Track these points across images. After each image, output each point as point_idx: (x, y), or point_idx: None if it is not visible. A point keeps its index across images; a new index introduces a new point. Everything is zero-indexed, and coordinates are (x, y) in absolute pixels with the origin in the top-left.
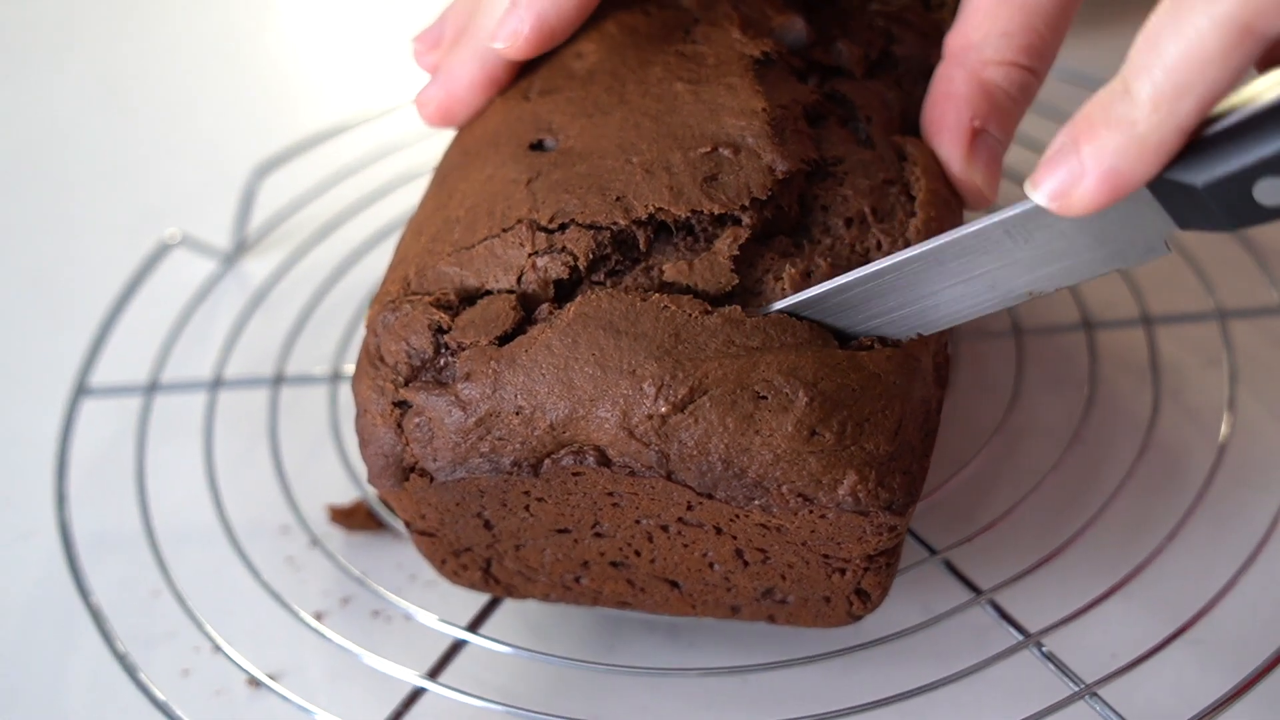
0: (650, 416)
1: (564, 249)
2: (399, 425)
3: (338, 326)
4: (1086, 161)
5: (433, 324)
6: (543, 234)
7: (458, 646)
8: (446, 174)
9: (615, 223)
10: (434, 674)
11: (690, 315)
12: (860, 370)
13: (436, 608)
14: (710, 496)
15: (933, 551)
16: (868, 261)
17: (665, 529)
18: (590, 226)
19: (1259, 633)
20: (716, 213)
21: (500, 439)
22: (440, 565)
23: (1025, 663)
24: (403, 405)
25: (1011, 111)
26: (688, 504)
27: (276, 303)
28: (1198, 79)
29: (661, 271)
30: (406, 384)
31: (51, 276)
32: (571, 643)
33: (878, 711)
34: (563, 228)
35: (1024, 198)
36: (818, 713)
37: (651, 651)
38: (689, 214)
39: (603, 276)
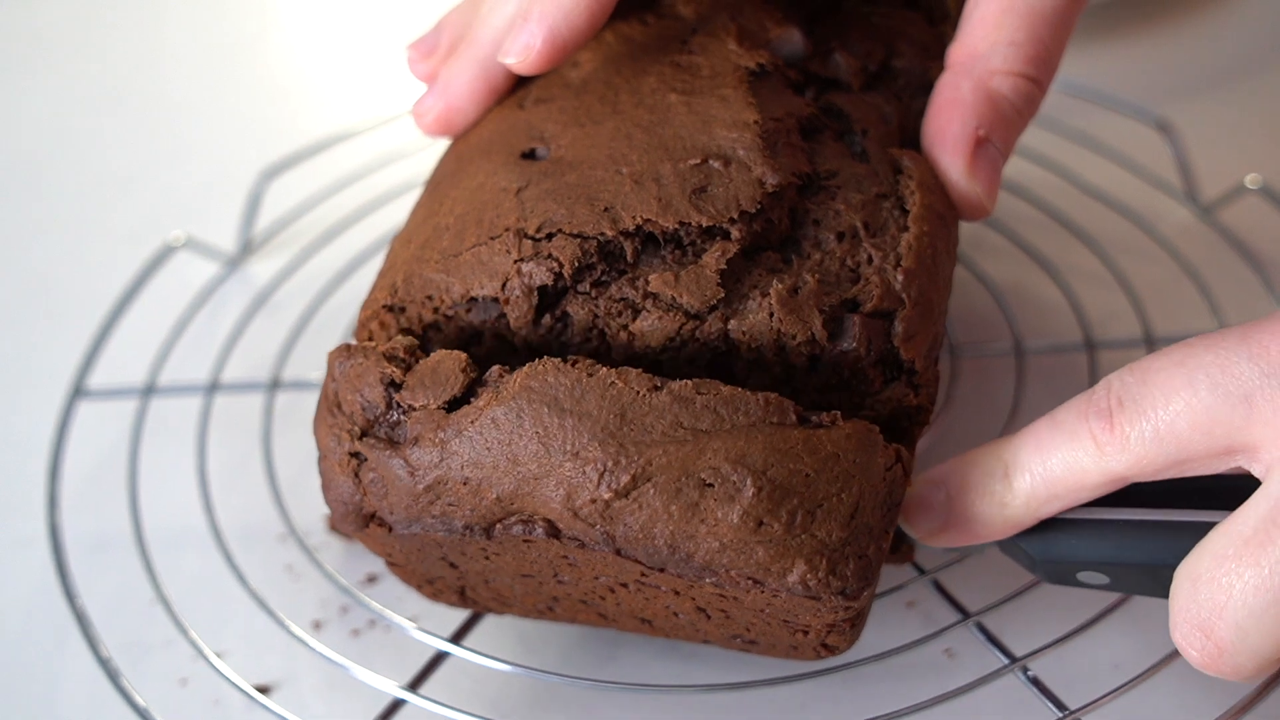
0: (594, 500)
1: (550, 256)
2: (356, 475)
3: (337, 332)
4: (953, 517)
5: (384, 378)
6: (529, 242)
7: (440, 658)
8: (438, 182)
9: (602, 233)
10: (414, 685)
11: (637, 393)
12: (816, 453)
13: (430, 618)
14: (661, 570)
15: (922, 571)
16: (857, 278)
17: (625, 585)
18: (577, 236)
19: None
20: (704, 225)
21: (450, 505)
22: (418, 589)
23: (1010, 687)
24: (359, 456)
25: (1015, 123)
26: (641, 572)
27: (278, 307)
28: (1070, 495)
29: (647, 283)
30: (362, 436)
31: (55, 278)
32: (562, 655)
33: None
34: (549, 236)
35: (1018, 204)
36: None
37: (647, 666)
38: (677, 225)
39: (588, 286)
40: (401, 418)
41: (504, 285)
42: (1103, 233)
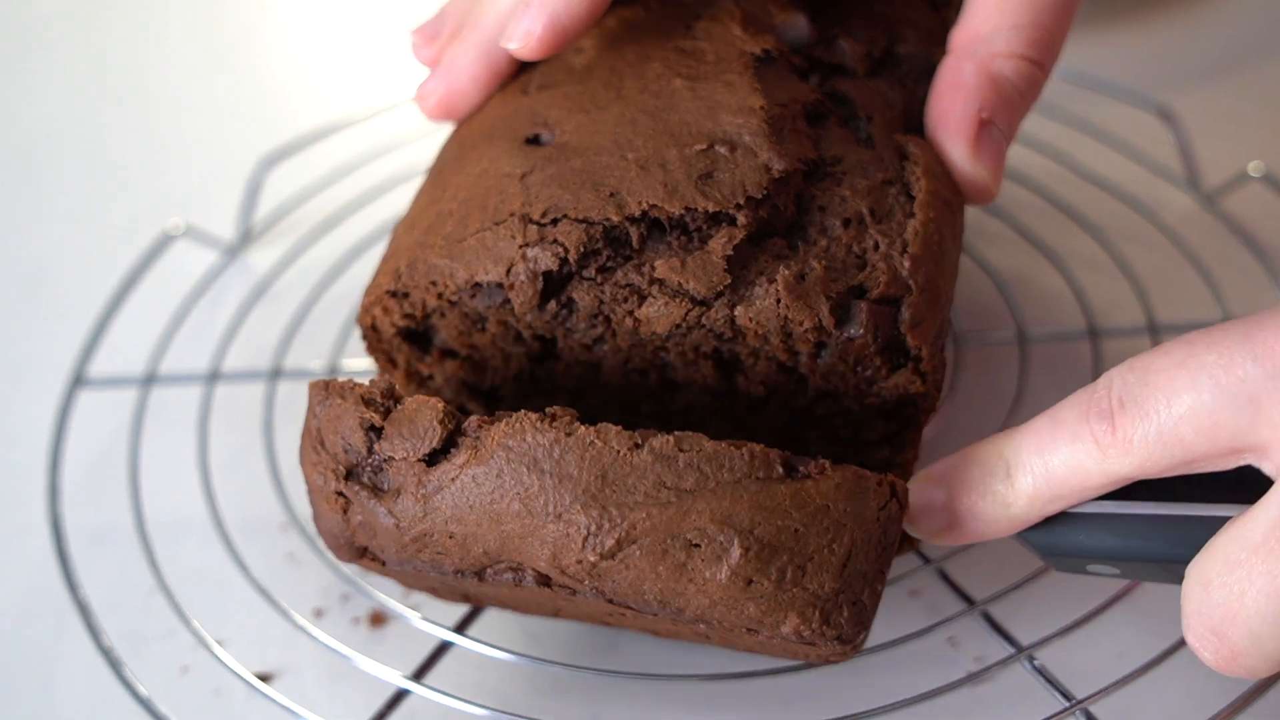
0: (580, 562)
1: (555, 241)
2: (344, 513)
3: (337, 321)
4: (956, 518)
5: (363, 422)
6: (534, 227)
7: (444, 648)
8: (442, 168)
9: (608, 219)
10: (419, 676)
11: (618, 453)
12: (805, 506)
13: (432, 607)
14: (655, 616)
15: (927, 560)
16: (864, 264)
17: (624, 613)
18: (583, 221)
19: None
20: (710, 211)
21: (438, 554)
22: (423, 591)
23: (1016, 676)
24: (344, 497)
25: (1019, 105)
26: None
27: (278, 296)
28: (1073, 495)
29: (653, 269)
30: (347, 477)
31: (54, 267)
32: (566, 645)
33: (883, 715)
34: (555, 222)
35: (1021, 192)
36: None
37: (651, 655)
38: (683, 211)
39: (594, 272)
40: (384, 464)
41: (509, 271)
42: (1105, 220)
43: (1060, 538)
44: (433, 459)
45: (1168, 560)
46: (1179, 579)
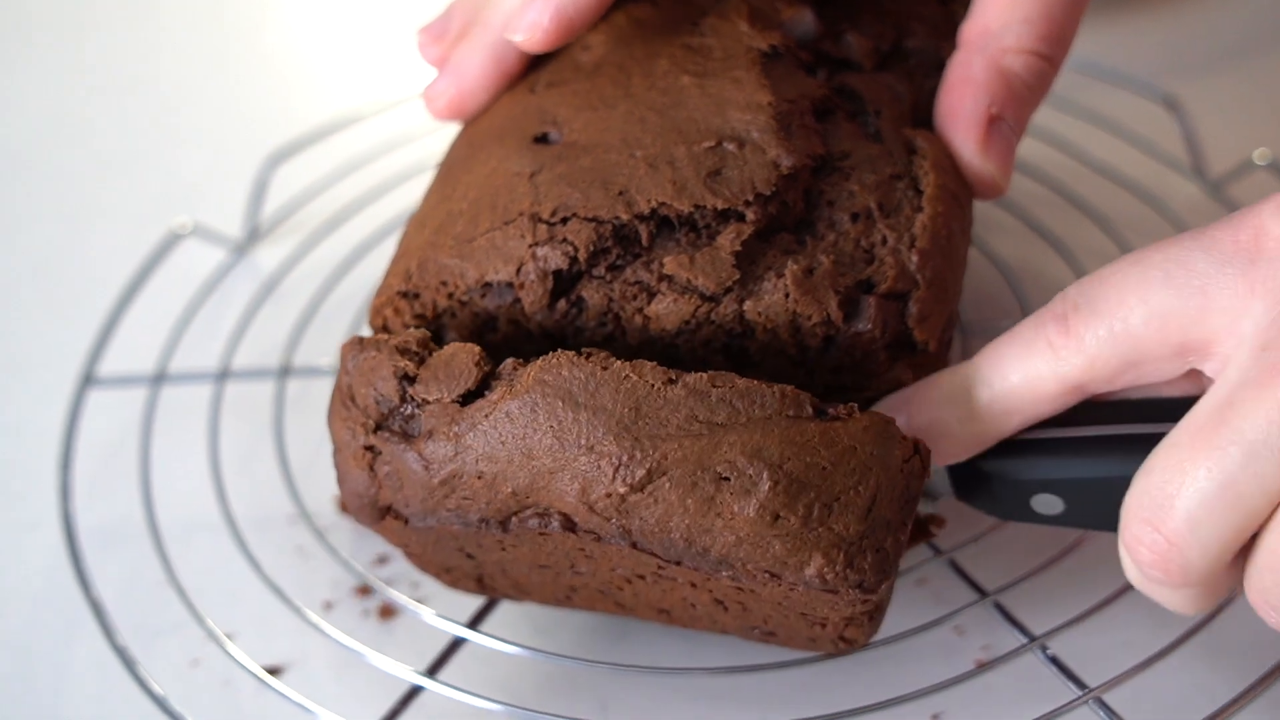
0: (609, 495)
1: (564, 240)
2: (371, 468)
3: (346, 318)
4: (916, 436)
5: (397, 371)
6: (544, 226)
7: (457, 644)
8: (451, 167)
9: (617, 217)
10: (432, 671)
11: (652, 386)
12: (833, 445)
13: (443, 601)
14: (678, 564)
15: (938, 551)
16: (872, 259)
17: (642, 577)
18: (592, 220)
19: (1267, 637)
20: (720, 208)
21: (465, 499)
22: (435, 576)
23: (1029, 665)
24: (373, 450)
25: (1028, 101)
26: (658, 565)
27: (286, 293)
28: (1028, 409)
29: (662, 266)
30: (376, 429)
31: (61, 265)
32: (576, 639)
33: (882, 712)
34: (564, 221)
35: (1027, 182)
36: (824, 713)
37: (661, 648)
38: (692, 209)
39: (603, 270)
40: (416, 411)
41: (519, 270)
42: (1111, 210)
43: (1009, 464)
44: (467, 399)
45: (1114, 480)
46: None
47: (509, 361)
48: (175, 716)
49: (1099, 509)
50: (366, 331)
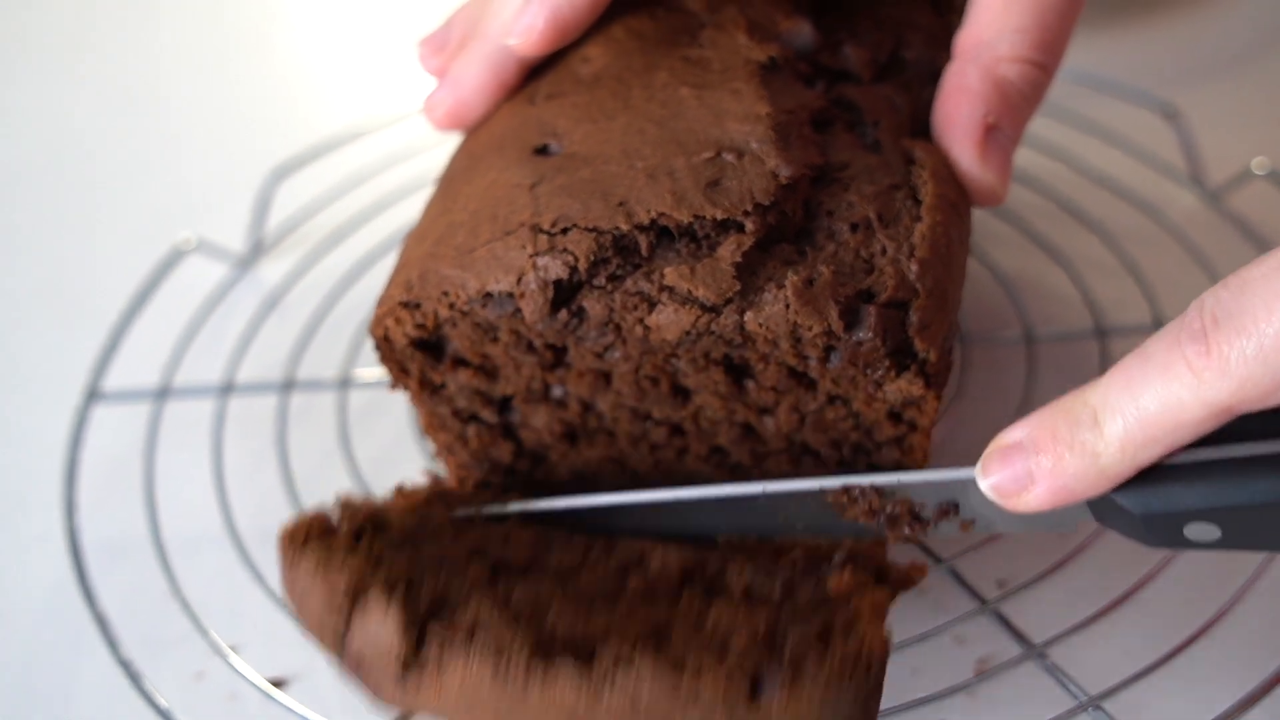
0: None
1: (565, 250)
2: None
3: (349, 331)
4: (1039, 473)
5: (333, 611)
6: (544, 236)
7: None
8: (451, 179)
9: (617, 227)
10: None
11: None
12: None
13: None
14: None
15: (938, 560)
16: (871, 268)
17: None
18: (592, 230)
19: (1267, 646)
20: (719, 218)
21: None
22: None
23: (1029, 674)
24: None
25: (1023, 109)
26: None
27: (290, 307)
28: (1169, 437)
29: (663, 276)
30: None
31: (66, 280)
32: None
33: (893, 715)
34: (564, 231)
35: (1026, 193)
36: None
37: None
38: (691, 219)
39: (604, 280)
40: (361, 653)
41: (519, 280)
42: (1111, 220)
43: (1154, 495)
44: (402, 664)
45: (1275, 506)
46: None
47: (433, 645)
48: None
49: (1264, 532)
50: (369, 343)
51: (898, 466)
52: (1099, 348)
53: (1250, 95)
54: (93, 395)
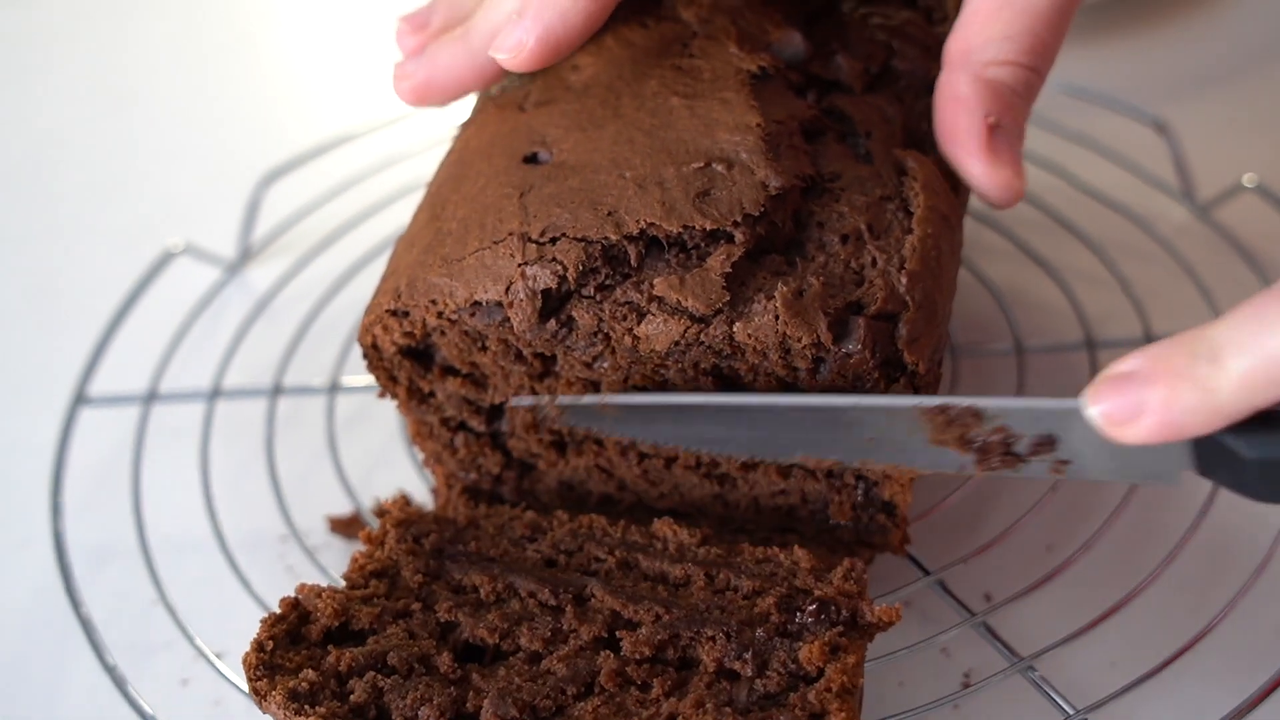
0: None
1: (554, 259)
2: None
3: (338, 337)
4: (1152, 403)
5: None
6: (533, 245)
7: None
8: (439, 186)
9: (606, 237)
10: None
11: None
12: None
13: None
14: None
15: (927, 572)
16: (861, 280)
17: None
18: (581, 240)
19: (1255, 659)
20: (709, 228)
21: None
22: None
23: (1016, 687)
24: None
25: (1020, 105)
26: None
27: (278, 312)
28: None
29: (652, 286)
30: None
31: (53, 284)
32: None
33: None
34: (553, 240)
35: (1023, 210)
36: None
37: None
38: (681, 229)
39: (593, 290)
40: None
41: (508, 289)
42: (1101, 233)
43: (1270, 443)
44: None
45: None
46: None
47: None
48: None
49: None
50: (358, 352)
51: (885, 478)
52: (1089, 359)
53: (1241, 109)
54: (80, 399)
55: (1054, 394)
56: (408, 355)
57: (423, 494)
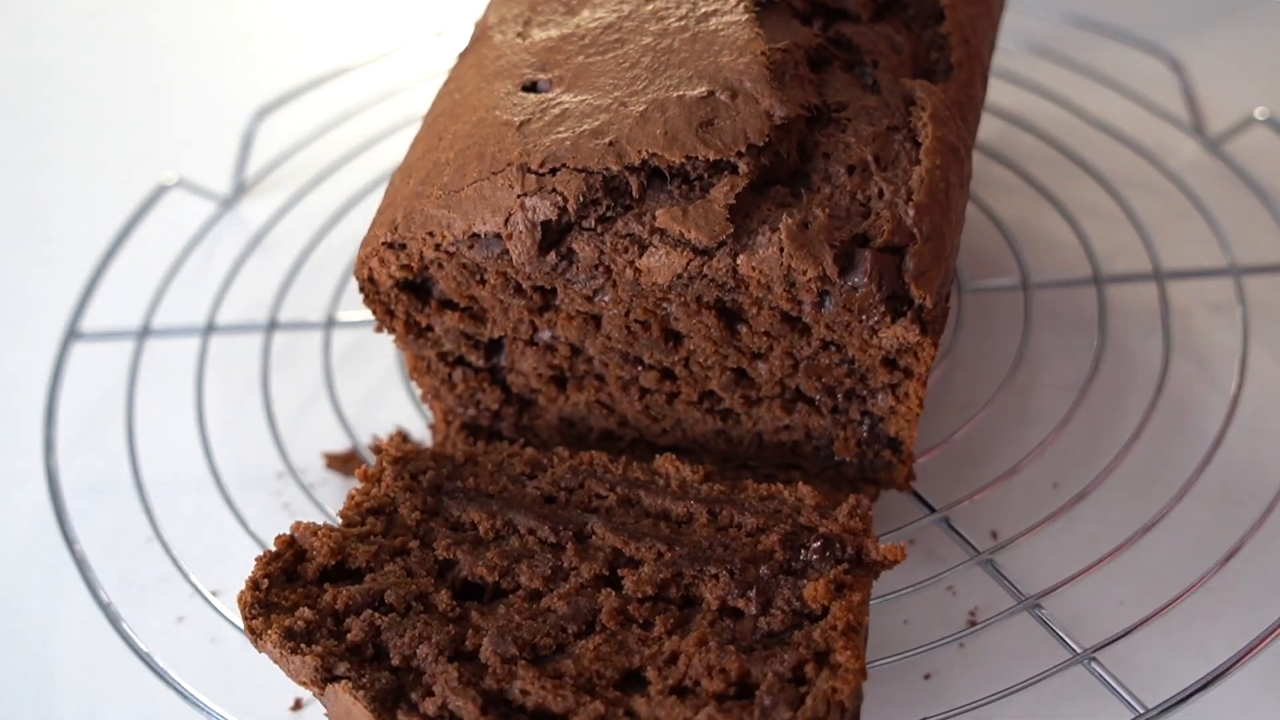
0: None
1: (554, 190)
2: None
3: (335, 271)
4: None
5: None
6: (533, 176)
7: None
8: (437, 116)
9: (607, 168)
10: None
11: None
12: None
13: None
14: None
15: (932, 509)
16: (868, 212)
17: None
18: (582, 170)
19: (1263, 598)
20: (712, 159)
21: None
22: None
23: (1022, 625)
24: None
25: None
26: None
27: (273, 247)
28: None
29: (654, 218)
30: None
31: (46, 219)
32: None
33: (872, 671)
34: (554, 171)
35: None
36: None
37: None
38: (683, 160)
39: (594, 222)
40: None
41: (507, 221)
42: (1111, 167)
43: None
44: None
45: None
46: None
47: None
48: (160, 673)
49: None
50: (354, 286)
51: (892, 413)
52: (1097, 295)
53: (1252, 43)
54: (72, 335)
55: (1060, 329)
56: (405, 289)
57: (421, 430)
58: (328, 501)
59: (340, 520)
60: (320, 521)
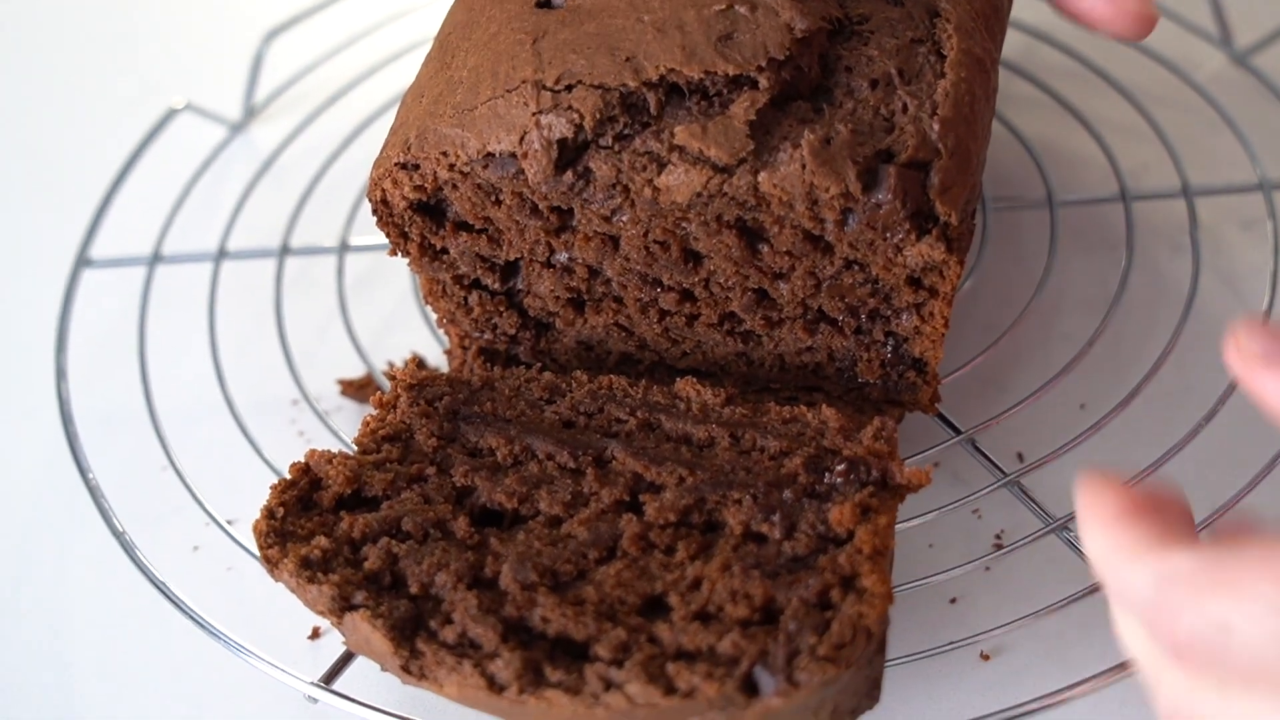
0: None
1: (570, 108)
2: None
3: (347, 196)
4: None
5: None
6: (548, 94)
7: None
8: (449, 34)
9: (624, 84)
10: None
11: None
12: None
13: None
14: None
15: (958, 431)
16: (892, 127)
17: None
18: (598, 87)
19: None
20: (731, 74)
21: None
22: None
23: (1049, 548)
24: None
25: None
26: None
27: (284, 171)
28: None
29: (673, 135)
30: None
31: (53, 145)
32: None
33: (898, 596)
34: (569, 88)
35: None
36: None
37: None
38: (702, 75)
39: (611, 140)
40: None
41: (522, 139)
42: (1137, 82)
43: None
44: (403, 666)
45: None
46: None
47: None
48: (177, 602)
49: None
50: (367, 210)
51: (917, 333)
52: (1124, 212)
53: None
54: (82, 262)
55: (1087, 247)
56: (419, 210)
57: (436, 356)
58: (343, 428)
59: (356, 448)
60: (336, 449)
